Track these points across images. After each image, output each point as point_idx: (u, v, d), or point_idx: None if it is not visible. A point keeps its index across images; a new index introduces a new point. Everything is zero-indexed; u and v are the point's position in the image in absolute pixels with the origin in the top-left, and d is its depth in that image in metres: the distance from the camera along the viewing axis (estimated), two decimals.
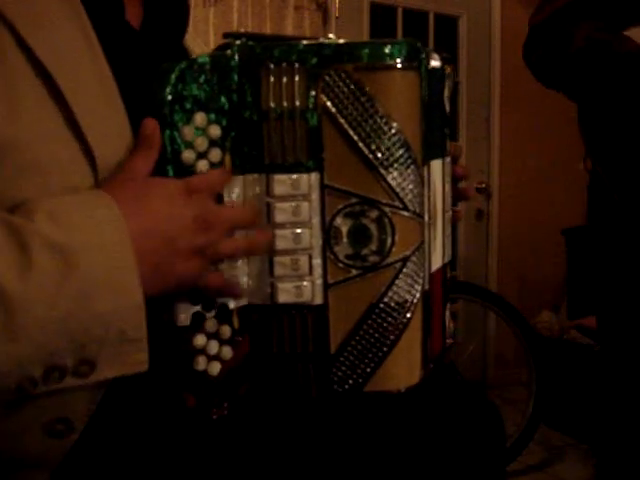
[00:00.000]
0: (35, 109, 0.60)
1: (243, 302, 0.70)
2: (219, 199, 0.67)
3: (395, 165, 0.69)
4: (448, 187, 0.83)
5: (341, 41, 0.69)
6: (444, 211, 0.81)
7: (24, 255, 0.54)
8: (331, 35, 0.74)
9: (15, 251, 0.54)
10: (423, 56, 0.71)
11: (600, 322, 1.56)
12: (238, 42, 0.68)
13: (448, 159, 0.83)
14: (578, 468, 2.62)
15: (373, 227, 0.70)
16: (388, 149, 0.69)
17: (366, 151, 0.68)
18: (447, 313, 0.85)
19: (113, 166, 0.63)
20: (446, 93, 0.80)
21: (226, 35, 0.71)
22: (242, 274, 0.70)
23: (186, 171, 0.65)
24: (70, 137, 0.62)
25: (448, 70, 0.80)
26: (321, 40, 0.70)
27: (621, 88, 1.33)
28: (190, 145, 0.65)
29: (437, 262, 0.79)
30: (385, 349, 0.71)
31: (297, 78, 0.67)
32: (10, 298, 0.53)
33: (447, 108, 0.81)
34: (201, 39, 2.77)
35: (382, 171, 0.69)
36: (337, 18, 3.12)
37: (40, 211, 0.57)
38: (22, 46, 0.61)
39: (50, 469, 0.63)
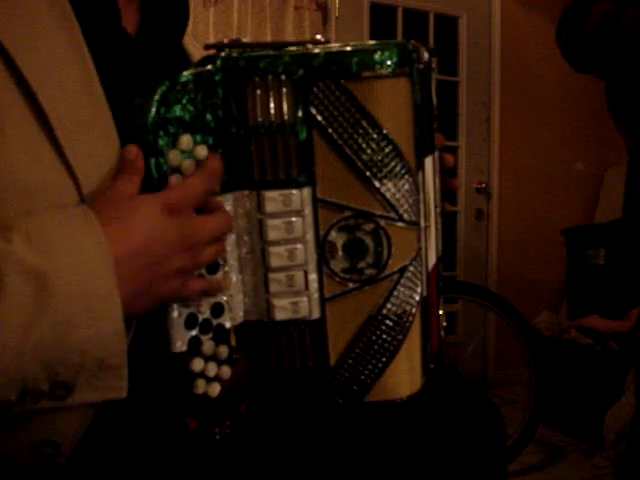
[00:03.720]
0: (19, 130, 0.59)
1: (240, 319, 0.70)
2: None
3: (389, 176, 0.67)
4: (438, 181, 0.82)
5: (329, 47, 0.66)
6: (436, 207, 0.80)
7: None
8: (318, 36, 0.70)
9: None
10: (415, 57, 0.69)
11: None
12: (222, 54, 0.66)
13: (437, 153, 0.81)
14: (578, 468, 2.61)
15: (369, 240, 0.69)
16: (381, 160, 0.67)
17: (359, 163, 0.67)
18: (441, 308, 0.84)
19: (98, 189, 0.62)
20: (433, 87, 0.78)
21: (208, 46, 0.68)
22: (237, 292, 0.69)
23: None
24: (54, 159, 0.60)
25: (434, 64, 0.78)
26: (309, 47, 0.67)
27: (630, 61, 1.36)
28: (177, 170, 0.63)
29: (432, 260, 0.78)
30: (385, 360, 0.71)
31: (284, 91, 0.65)
32: None
33: (434, 102, 0.79)
34: (201, 39, 2.77)
35: (376, 183, 0.67)
36: (337, 18, 3.12)
37: (18, 231, 0.54)
38: (9, 64, 0.59)
39: None
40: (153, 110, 0.61)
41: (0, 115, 0.58)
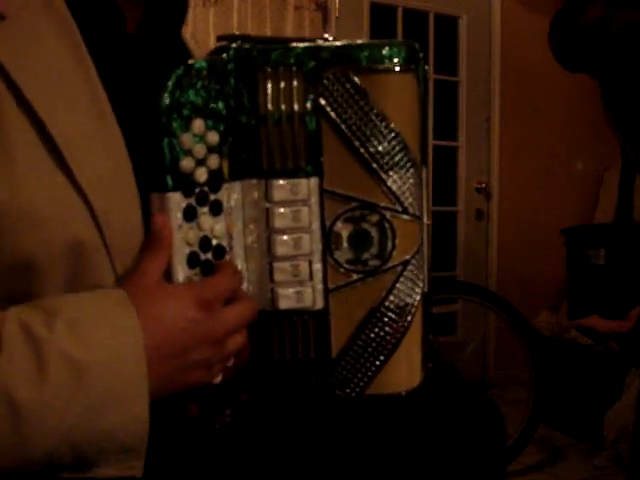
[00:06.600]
0: (29, 158, 0.59)
1: None
2: (217, 207, 0.66)
3: (395, 168, 0.68)
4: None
5: (339, 43, 0.68)
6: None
7: (40, 367, 0.54)
8: (326, 35, 0.72)
9: (32, 362, 0.54)
10: (421, 56, 0.71)
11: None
12: (234, 45, 0.67)
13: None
14: (578, 468, 2.61)
15: (373, 231, 0.69)
16: (388, 152, 0.68)
17: (366, 155, 0.68)
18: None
19: (112, 212, 0.62)
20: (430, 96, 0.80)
21: (220, 38, 0.69)
22: (242, 280, 0.69)
23: (185, 179, 0.64)
24: (66, 186, 0.60)
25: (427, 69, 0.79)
26: (319, 42, 0.69)
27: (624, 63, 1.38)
28: (189, 153, 0.64)
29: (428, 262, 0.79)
30: (386, 353, 0.71)
31: (295, 82, 0.67)
32: (22, 408, 0.53)
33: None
34: (201, 39, 2.78)
35: (382, 175, 0.68)
36: (337, 18, 3.12)
37: (61, 319, 0.56)
38: (13, 90, 0.59)
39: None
40: (168, 92, 0.62)
41: (8, 142, 0.59)
